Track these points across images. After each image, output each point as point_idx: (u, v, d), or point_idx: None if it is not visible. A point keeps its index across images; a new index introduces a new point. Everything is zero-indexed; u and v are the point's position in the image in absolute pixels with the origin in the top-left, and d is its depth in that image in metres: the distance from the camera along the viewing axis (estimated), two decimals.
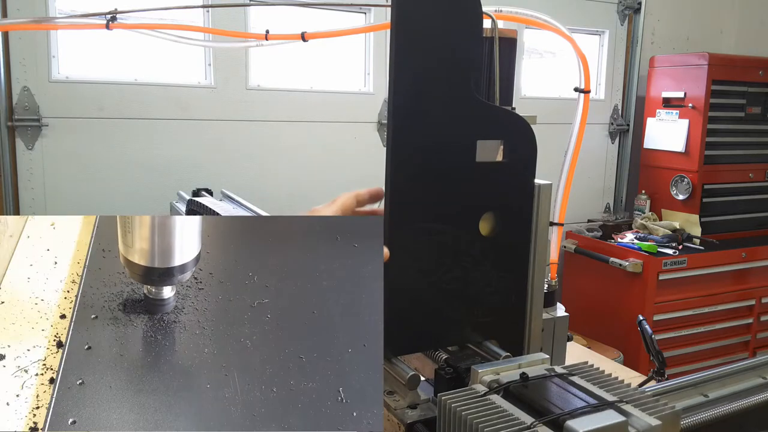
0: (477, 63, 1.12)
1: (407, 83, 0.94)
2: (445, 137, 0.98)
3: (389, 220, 0.97)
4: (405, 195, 0.98)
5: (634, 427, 0.90)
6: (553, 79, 4.01)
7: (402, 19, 0.92)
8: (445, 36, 0.95)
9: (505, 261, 1.09)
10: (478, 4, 0.98)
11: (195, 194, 2.46)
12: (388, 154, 0.96)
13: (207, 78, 3.16)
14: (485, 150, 1.02)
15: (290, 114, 3.30)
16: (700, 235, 3.78)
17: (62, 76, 2.88)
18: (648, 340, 1.67)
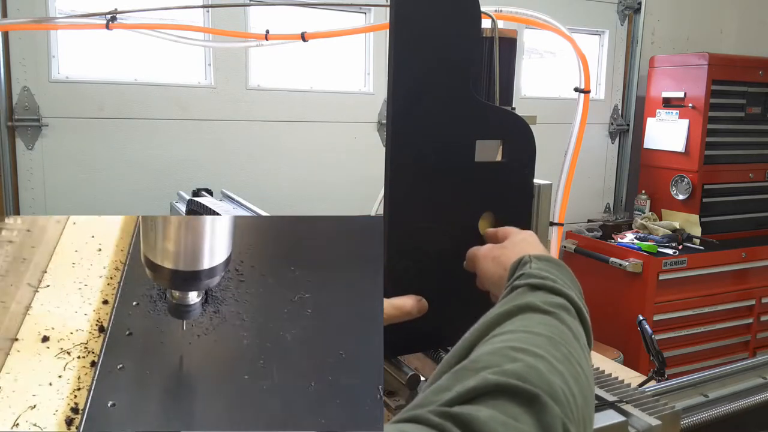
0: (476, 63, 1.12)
1: (407, 83, 0.94)
2: (445, 137, 0.98)
3: (389, 220, 0.97)
4: (404, 195, 0.98)
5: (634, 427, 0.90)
6: (553, 79, 4.01)
7: (401, 19, 0.92)
8: (445, 36, 0.95)
9: None
10: (477, 5, 0.98)
11: (195, 194, 2.46)
12: (387, 154, 0.96)
13: (207, 78, 3.16)
14: (485, 150, 1.02)
15: (290, 114, 3.30)
16: (700, 235, 3.78)
17: (62, 76, 2.88)
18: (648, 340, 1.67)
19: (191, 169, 3.09)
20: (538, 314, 0.68)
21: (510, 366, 0.56)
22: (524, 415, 0.51)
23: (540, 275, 0.76)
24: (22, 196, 2.86)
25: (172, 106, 3.06)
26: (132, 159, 3.01)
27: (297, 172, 3.34)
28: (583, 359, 0.64)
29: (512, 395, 0.52)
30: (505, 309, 0.69)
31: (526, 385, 0.53)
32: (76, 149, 2.91)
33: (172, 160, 3.08)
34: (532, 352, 0.59)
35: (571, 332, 0.67)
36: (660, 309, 3.56)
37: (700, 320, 3.70)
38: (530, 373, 0.55)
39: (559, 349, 0.61)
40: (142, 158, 3.03)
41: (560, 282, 0.76)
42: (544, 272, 0.77)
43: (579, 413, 0.56)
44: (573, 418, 0.54)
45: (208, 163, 3.14)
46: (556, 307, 0.70)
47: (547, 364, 0.57)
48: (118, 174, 2.99)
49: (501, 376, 0.54)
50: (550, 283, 0.74)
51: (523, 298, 0.71)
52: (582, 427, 0.56)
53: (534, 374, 0.55)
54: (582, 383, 0.60)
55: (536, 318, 0.67)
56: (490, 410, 0.50)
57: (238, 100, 3.19)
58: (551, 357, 0.59)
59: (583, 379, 0.60)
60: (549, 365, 0.57)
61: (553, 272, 0.78)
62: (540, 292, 0.73)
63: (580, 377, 0.60)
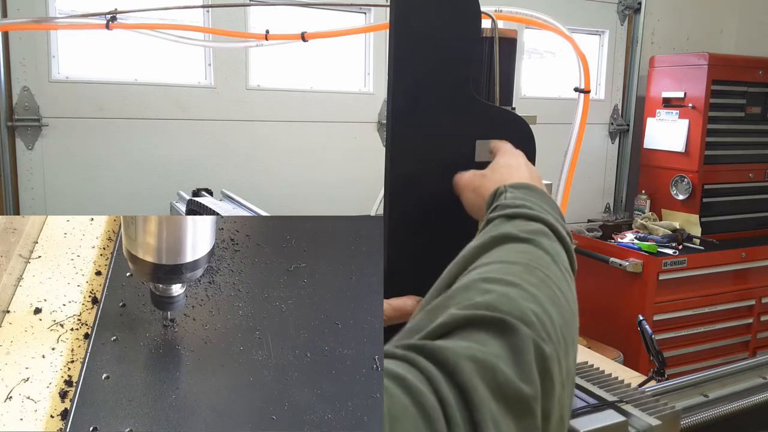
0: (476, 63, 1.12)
1: (406, 83, 0.94)
2: (445, 137, 0.98)
3: (389, 219, 0.97)
4: (404, 195, 0.98)
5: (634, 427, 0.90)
6: (553, 79, 4.01)
7: (401, 19, 0.92)
8: (445, 36, 0.95)
9: None
10: (477, 4, 0.98)
11: (195, 194, 2.46)
12: (387, 154, 0.96)
13: (207, 78, 3.16)
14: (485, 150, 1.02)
15: (290, 114, 3.30)
16: (700, 235, 3.78)
17: (62, 76, 2.88)
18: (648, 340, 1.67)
19: (191, 169, 3.09)
20: (514, 243, 0.67)
21: (481, 298, 0.55)
22: (491, 339, 0.51)
23: (515, 204, 0.74)
24: (22, 196, 2.86)
25: (172, 106, 3.06)
26: (132, 159, 3.01)
27: (297, 172, 3.34)
28: (563, 281, 0.63)
29: (480, 325, 0.52)
30: (481, 242, 0.68)
31: (494, 313, 0.53)
32: (76, 149, 2.91)
33: (172, 160, 3.08)
34: (505, 281, 0.58)
35: (550, 256, 0.66)
36: (660, 309, 3.56)
37: (700, 320, 3.70)
38: (500, 302, 0.54)
39: (534, 274, 0.60)
40: (142, 158, 3.03)
41: (537, 208, 0.74)
42: (519, 200, 0.75)
43: (557, 334, 0.55)
44: (549, 339, 0.53)
45: (208, 163, 3.14)
46: (533, 233, 0.68)
47: (519, 290, 0.57)
48: (118, 174, 2.99)
49: (470, 309, 0.53)
50: (526, 210, 0.72)
51: (499, 228, 0.70)
52: (563, 348, 0.56)
53: (504, 302, 0.54)
54: (560, 304, 0.59)
55: (513, 247, 0.66)
56: (457, 340, 0.50)
57: (238, 100, 3.19)
58: (526, 283, 0.58)
59: (561, 301, 0.59)
60: (522, 291, 0.57)
61: (530, 199, 0.76)
62: (516, 220, 0.71)
63: (558, 299, 0.59)
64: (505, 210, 0.74)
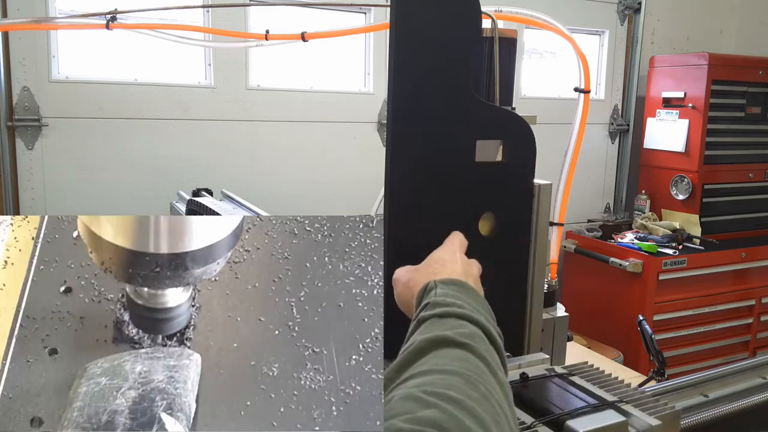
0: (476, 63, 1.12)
1: (407, 83, 0.94)
2: (445, 137, 0.98)
3: (389, 220, 0.97)
4: (405, 195, 0.98)
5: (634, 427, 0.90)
6: (553, 79, 4.01)
7: (401, 19, 0.92)
8: (445, 36, 0.95)
9: (505, 261, 1.09)
10: (477, 5, 0.98)
11: (195, 194, 2.46)
12: (387, 154, 0.96)
13: (207, 78, 3.16)
14: (485, 150, 1.02)
15: (290, 114, 3.30)
16: (700, 235, 3.78)
17: (62, 76, 2.88)
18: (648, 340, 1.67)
19: (191, 169, 3.09)
20: (451, 349, 0.65)
21: (423, 413, 0.54)
22: None
23: (445, 302, 0.73)
24: (22, 196, 2.86)
25: (172, 106, 3.06)
26: (132, 159, 3.01)
27: (297, 172, 3.34)
28: (500, 394, 0.62)
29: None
30: (417, 346, 0.66)
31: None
32: (76, 149, 2.91)
33: (172, 160, 3.08)
34: (446, 396, 0.57)
35: (486, 364, 0.65)
36: (660, 309, 3.56)
37: (700, 320, 3.70)
38: (445, 420, 0.53)
39: (477, 389, 0.60)
40: (142, 158, 3.03)
41: (468, 307, 0.73)
42: (450, 298, 0.74)
43: None
44: None
45: (208, 163, 3.14)
46: (468, 337, 0.67)
47: (462, 409, 0.56)
48: (118, 174, 2.99)
49: (414, 424, 0.52)
50: (456, 309, 0.72)
51: (433, 330, 0.68)
52: None
53: (450, 421, 0.53)
54: (501, 423, 0.58)
55: (450, 353, 0.65)
56: None
57: (238, 100, 3.19)
58: (468, 399, 0.57)
59: (502, 419, 0.59)
60: (465, 411, 0.56)
61: (461, 297, 0.75)
62: (449, 319, 0.70)
63: (499, 416, 0.58)
64: (435, 309, 0.73)
